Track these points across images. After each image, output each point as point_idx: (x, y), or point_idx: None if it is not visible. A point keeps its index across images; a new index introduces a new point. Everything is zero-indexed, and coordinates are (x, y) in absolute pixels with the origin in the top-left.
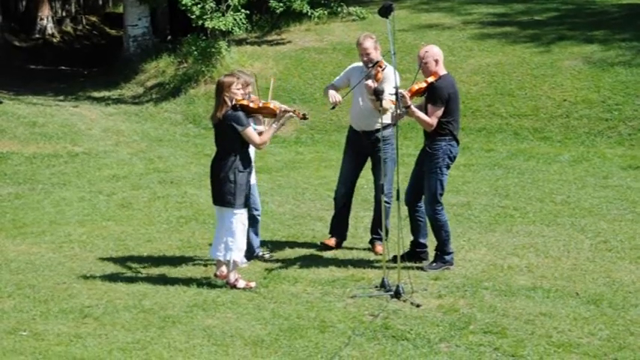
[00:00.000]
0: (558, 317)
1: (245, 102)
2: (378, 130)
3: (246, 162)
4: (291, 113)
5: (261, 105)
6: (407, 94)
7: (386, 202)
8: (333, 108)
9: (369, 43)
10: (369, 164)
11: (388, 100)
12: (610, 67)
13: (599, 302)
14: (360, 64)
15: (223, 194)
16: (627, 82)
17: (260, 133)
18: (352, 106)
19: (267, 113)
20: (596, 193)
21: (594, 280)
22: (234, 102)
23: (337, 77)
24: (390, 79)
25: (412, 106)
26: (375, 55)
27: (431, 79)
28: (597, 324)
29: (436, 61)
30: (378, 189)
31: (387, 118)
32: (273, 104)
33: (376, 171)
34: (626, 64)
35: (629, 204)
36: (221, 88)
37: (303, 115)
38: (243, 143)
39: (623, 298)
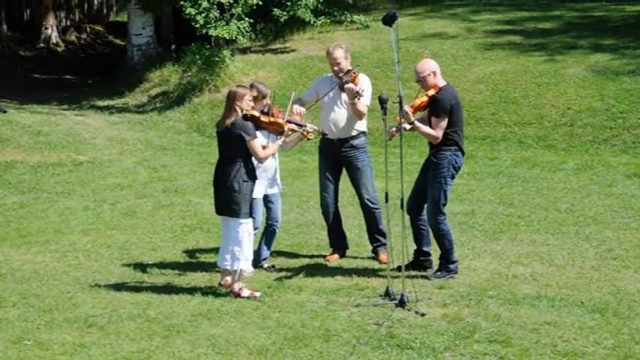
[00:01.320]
0: (563, 326)
1: (256, 114)
2: (352, 138)
3: (251, 172)
4: (299, 133)
5: (272, 119)
6: (410, 110)
7: (374, 208)
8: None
9: (339, 53)
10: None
11: (364, 105)
12: (614, 76)
13: (604, 311)
14: (329, 74)
15: (228, 204)
16: (631, 91)
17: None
18: (324, 115)
19: (275, 129)
20: (601, 201)
21: (599, 288)
22: (244, 112)
23: (305, 91)
24: (366, 86)
25: (416, 122)
26: (346, 64)
27: (432, 92)
28: (602, 333)
29: (434, 74)
30: (361, 197)
31: (361, 126)
32: (285, 119)
33: (354, 181)
34: (630, 73)
35: (633, 212)
36: (233, 98)
37: (310, 132)
38: (248, 153)
39: (629, 307)
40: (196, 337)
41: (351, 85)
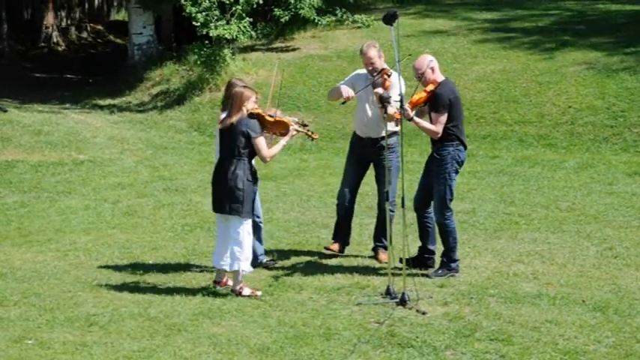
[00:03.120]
0: (564, 324)
1: (262, 112)
2: (383, 138)
3: (254, 172)
4: (302, 133)
5: (277, 119)
6: (408, 107)
7: (390, 210)
8: (344, 103)
9: (373, 52)
10: (371, 171)
11: (393, 109)
12: (614, 74)
13: (605, 309)
14: (364, 71)
15: (231, 202)
16: (632, 89)
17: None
18: (357, 113)
19: (280, 130)
20: (602, 199)
21: (600, 287)
22: (250, 111)
23: (341, 82)
24: (397, 87)
25: (415, 117)
26: (380, 63)
27: (430, 88)
28: (603, 331)
29: (432, 69)
30: (382, 197)
31: (392, 126)
32: (288, 118)
33: (380, 179)
34: (630, 71)
35: (634, 211)
36: (240, 98)
37: (314, 133)
38: (252, 152)
39: (629, 305)
40: (197, 336)
41: (378, 91)
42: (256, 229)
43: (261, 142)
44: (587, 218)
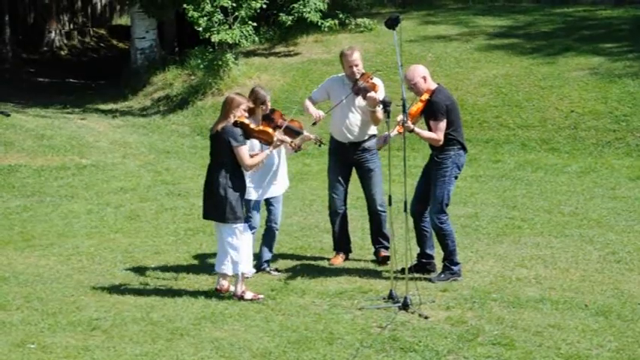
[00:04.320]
0: (567, 329)
1: (246, 121)
2: (364, 141)
3: (239, 178)
4: (286, 144)
5: (261, 128)
6: (408, 120)
7: (381, 211)
8: (315, 124)
9: (357, 55)
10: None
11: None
12: (617, 79)
13: (608, 314)
14: (339, 75)
15: (215, 209)
16: (635, 94)
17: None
18: (337, 118)
19: (265, 138)
20: (604, 204)
21: (603, 291)
22: (235, 119)
23: (315, 90)
24: (383, 90)
25: (416, 128)
26: (362, 66)
27: (425, 97)
28: (606, 336)
29: (424, 79)
30: (371, 200)
31: (374, 130)
32: (284, 125)
33: (365, 183)
34: (633, 76)
35: (637, 215)
36: (230, 105)
37: (301, 143)
38: (236, 160)
39: (632, 310)
40: (200, 340)
41: (373, 94)
42: (270, 235)
43: (242, 151)
44: (589, 223)
